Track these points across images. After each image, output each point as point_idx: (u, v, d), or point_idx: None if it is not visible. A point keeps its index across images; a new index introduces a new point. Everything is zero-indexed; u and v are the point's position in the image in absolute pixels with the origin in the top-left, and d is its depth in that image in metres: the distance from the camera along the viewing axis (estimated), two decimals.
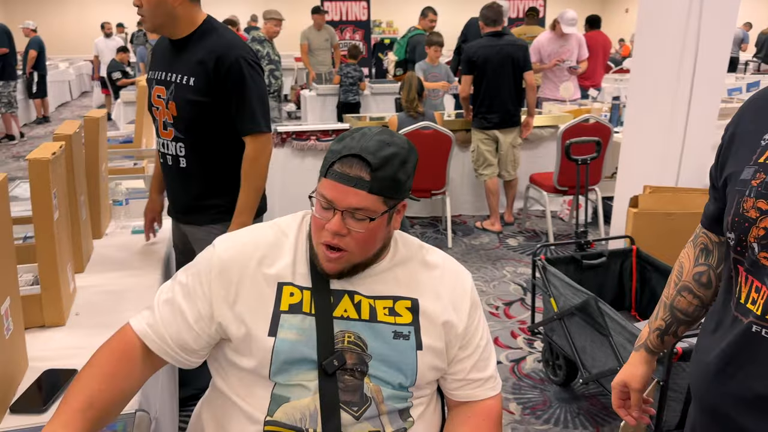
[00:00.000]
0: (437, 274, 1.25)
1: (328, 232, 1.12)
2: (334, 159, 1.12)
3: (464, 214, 5.24)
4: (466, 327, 1.24)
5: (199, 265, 1.21)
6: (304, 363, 1.14)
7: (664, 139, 3.21)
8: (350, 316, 1.18)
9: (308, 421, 1.13)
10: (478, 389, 1.27)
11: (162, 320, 1.18)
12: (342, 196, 1.10)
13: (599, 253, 2.77)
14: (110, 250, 2.21)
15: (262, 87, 2.08)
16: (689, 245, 1.24)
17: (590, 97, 6.12)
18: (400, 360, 1.18)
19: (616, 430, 2.44)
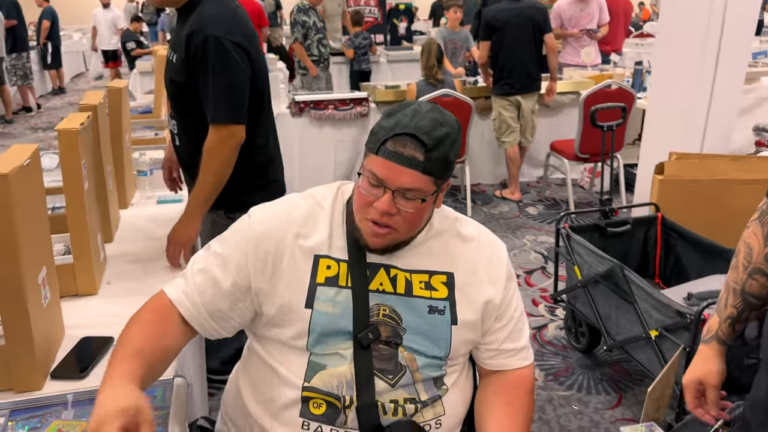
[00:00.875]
0: (473, 247, 1.24)
1: (377, 210, 1.11)
2: (386, 136, 1.09)
3: (483, 183, 5.21)
4: (501, 299, 1.24)
5: (236, 235, 1.21)
6: (339, 334, 1.15)
7: (690, 104, 3.15)
8: (386, 289, 1.18)
9: (344, 388, 1.15)
10: (510, 359, 1.28)
11: (196, 288, 1.19)
12: (394, 176, 1.08)
13: (624, 220, 2.75)
14: (137, 219, 2.22)
15: (233, 72, 1.84)
16: (755, 224, 1.17)
17: (612, 62, 6.00)
18: (434, 334, 1.19)
19: (639, 395, 2.45)
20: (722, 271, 2.39)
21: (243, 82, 1.89)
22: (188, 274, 1.22)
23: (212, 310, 1.19)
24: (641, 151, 3.40)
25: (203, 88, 1.86)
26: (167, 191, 2.49)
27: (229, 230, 1.24)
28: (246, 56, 1.89)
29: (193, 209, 1.93)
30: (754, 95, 5.14)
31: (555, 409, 2.39)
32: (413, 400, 1.17)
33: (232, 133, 1.88)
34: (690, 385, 1.23)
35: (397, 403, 1.16)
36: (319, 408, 1.15)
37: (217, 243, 1.23)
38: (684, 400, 2.00)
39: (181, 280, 1.22)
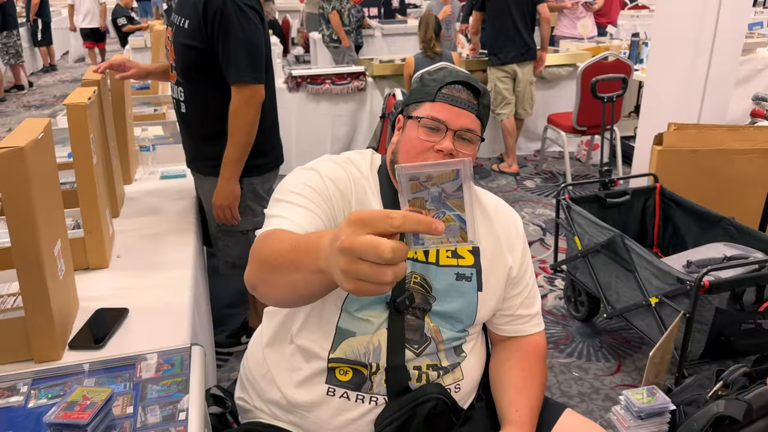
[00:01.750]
0: (492, 216, 1.29)
1: (438, 153, 1.15)
2: (440, 84, 1.18)
3: (480, 157, 5.22)
4: (519, 266, 1.29)
5: (307, 181, 1.16)
6: (376, 299, 1.18)
7: (688, 75, 3.16)
8: (418, 258, 1.22)
9: (371, 356, 1.18)
10: (524, 325, 1.32)
11: (301, 220, 1.09)
12: (455, 117, 1.17)
13: (623, 191, 2.78)
14: (142, 195, 2.24)
15: (252, 34, 1.94)
16: None
17: (608, 34, 5.98)
18: (461, 301, 1.23)
19: (638, 362, 2.51)
20: (720, 239, 2.44)
21: (260, 44, 1.98)
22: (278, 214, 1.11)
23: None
24: (639, 122, 3.42)
25: (223, 50, 1.92)
26: (170, 166, 2.50)
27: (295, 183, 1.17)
28: (260, 20, 1.98)
29: (228, 170, 2.03)
30: (750, 66, 5.15)
31: (556, 376, 2.44)
32: (435, 366, 1.21)
33: (255, 92, 1.97)
34: None
35: (420, 370, 1.20)
36: (346, 375, 1.18)
37: (291, 191, 1.16)
38: (683, 365, 2.06)
39: (277, 219, 1.10)
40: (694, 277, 1.95)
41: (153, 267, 1.69)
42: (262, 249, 1.00)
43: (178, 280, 1.59)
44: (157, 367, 1.25)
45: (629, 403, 1.82)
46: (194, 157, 2.19)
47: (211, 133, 2.05)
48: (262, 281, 0.98)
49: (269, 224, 1.10)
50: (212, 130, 2.05)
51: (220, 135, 2.02)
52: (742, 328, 2.07)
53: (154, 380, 1.21)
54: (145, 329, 1.39)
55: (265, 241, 1.01)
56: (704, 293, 1.96)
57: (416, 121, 1.18)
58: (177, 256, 1.74)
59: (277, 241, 0.96)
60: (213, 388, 1.45)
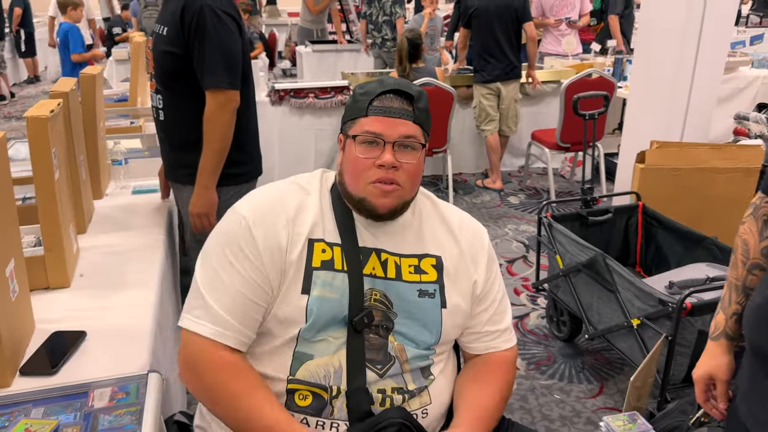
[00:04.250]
0: (456, 231, 1.26)
1: (380, 169, 1.13)
2: (371, 97, 1.14)
3: (465, 173, 5.20)
4: (484, 282, 1.25)
5: (236, 237, 1.14)
6: (333, 320, 1.14)
7: (670, 93, 3.16)
8: (377, 274, 1.17)
9: (332, 378, 1.13)
10: (493, 341, 1.28)
11: (226, 310, 1.11)
12: (391, 128, 1.13)
13: (605, 209, 2.75)
14: (112, 210, 2.17)
15: (228, 40, 1.91)
16: (749, 220, 1.18)
17: (592, 52, 6.01)
18: (425, 318, 1.19)
19: (620, 384, 2.46)
20: (703, 259, 2.41)
21: (236, 51, 1.96)
22: (205, 300, 1.12)
23: (250, 324, 1.13)
24: (622, 140, 3.40)
25: (198, 56, 1.91)
26: (143, 181, 2.44)
27: (223, 235, 1.17)
28: (237, 27, 1.96)
29: (204, 178, 1.99)
30: (732, 85, 5.18)
31: (537, 398, 2.39)
32: (401, 389, 1.16)
33: (230, 98, 1.94)
34: (700, 379, 1.23)
35: (384, 393, 1.15)
36: (305, 399, 1.13)
37: (217, 253, 1.15)
38: (666, 389, 2.01)
39: (200, 311, 1.12)
40: (676, 299, 1.91)
41: (116, 287, 1.62)
42: (219, 394, 1.09)
43: (141, 302, 1.53)
44: (111, 395, 1.18)
45: (609, 429, 1.77)
46: (172, 165, 2.15)
47: (189, 141, 2.02)
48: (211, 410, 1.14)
49: (205, 320, 1.11)
50: (190, 137, 2.01)
51: (197, 143, 1.98)
52: None
53: (107, 410, 1.14)
54: (102, 354, 1.32)
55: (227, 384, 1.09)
56: (686, 315, 1.92)
57: (353, 139, 1.15)
58: (142, 276, 1.67)
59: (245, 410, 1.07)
60: (177, 415, 1.38)
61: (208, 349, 1.11)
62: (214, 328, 1.10)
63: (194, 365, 1.12)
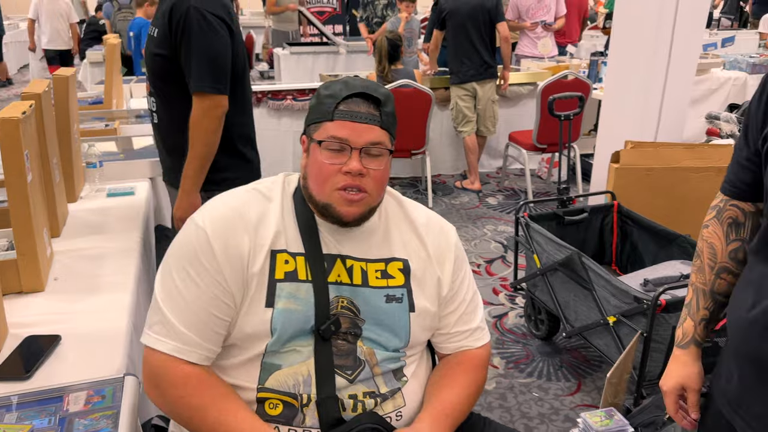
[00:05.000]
0: (423, 232, 1.24)
1: (346, 175, 1.10)
2: (337, 101, 1.10)
3: (444, 174, 5.22)
4: (451, 282, 1.24)
5: (195, 250, 1.11)
6: (300, 331, 1.12)
7: (644, 94, 3.20)
8: (343, 281, 1.16)
9: (301, 387, 1.11)
10: (464, 341, 1.27)
11: (186, 325, 1.09)
12: (357, 134, 1.10)
13: (581, 209, 2.78)
14: (86, 213, 2.14)
15: (215, 43, 1.88)
16: (713, 223, 1.16)
17: (568, 54, 6.08)
18: (393, 323, 1.17)
19: (598, 381, 2.49)
20: (676, 257, 2.45)
21: (225, 54, 1.92)
22: (165, 316, 1.10)
23: (211, 338, 1.12)
24: (597, 141, 3.45)
25: (185, 58, 1.88)
26: (118, 183, 2.41)
27: (181, 247, 1.14)
28: (227, 30, 1.92)
29: (188, 182, 1.96)
30: (705, 86, 5.27)
31: (516, 397, 2.41)
32: (373, 393, 1.15)
33: (216, 103, 1.90)
34: (671, 390, 1.20)
35: (356, 398, 1.14)
36: (275, 408, 1.11)
37: (176, 266, 1.12)
38: (642, 385, 2.04)
39: (159, 326, 1.10)
40: (651, 296, 1.94)
41: (91, 290, 1.60)
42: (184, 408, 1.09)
43: (117, 305, 1.51)
44: (87, 399, 1.17)
45: (587, 426, 1.79)
46: (167, 169, 2.14)
47: (181, 145, 1.99)
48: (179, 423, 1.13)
49: (165, 336, 1.09)
50: (182, 142, 1.98)
51: (185, 147, 1.95)
52: None
53: (82, 414, 1.13)
54: (77, 358, 1.31)
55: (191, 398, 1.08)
56: (661, 312, 1.95)
57: (318, 144, 1.12)
58: (117, 279, 1.65)
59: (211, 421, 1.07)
60: (155, 419, 1.37)
61: (169, 364, 1.09)
62: (174, 344, 1.09)
63: (156, 381, 1.10)
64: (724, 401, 1.10)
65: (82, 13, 10.19)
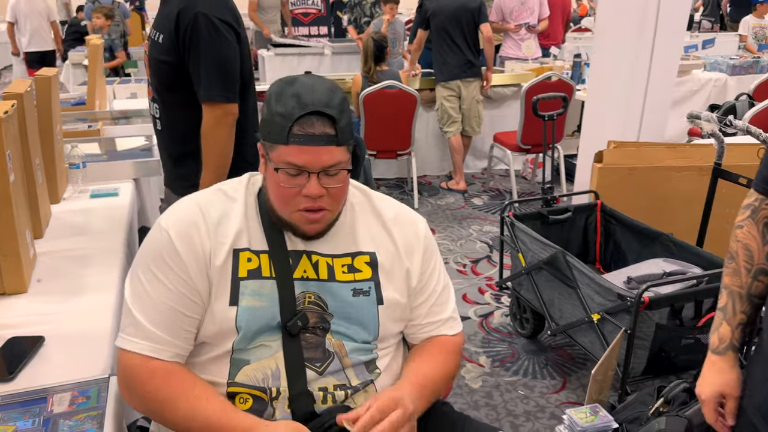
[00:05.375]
0: (390, 225, 1.24)
1: (306, 198, 1.09)
2: (290, 122, 1.05)
3: (429, 175, 5.24)
4: (420, 273, 1.24)
5: (159, 251, 1.13)
6: (266, 327, 1.13)
7: (627, 95, 3.24)
8: (309, 276, 1.17)
9: (270, 380, 1.12)
10: (435, 330, 1.28)
11: (155, 324, 1.11)
12: (314, 159, 1.07)
13: (565, 208, 2.81)
14: (69, 215, 2.12)
15: (224, 50, 1.85)
16: (748, 223, 1.12)
17: (552, 56, 6.12)
18: (361, 316, 1.18)
19: (583, 379, 2.51)
20: (659, 254, 2.48)
21: (234, 61, 1.89)
22: (136, 318, 1.12)
23: (182, 335, 1.13)
24: (581, 141, 3.48)
25: (193, 66, 1.84)
26: (102, 185, 2.39)
27: (148, 252, 1.16)
28: (235, 36, 1.89)
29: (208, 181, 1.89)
30: (686, 87, 5.35)
31: (502, 395, 2.42)
32: (343, 386, 1.16)
33: (227, 111, 1.87)
34: (710, 399, 1.15)
35: (326, 391, 1.14)
36: (245, 403, 1.12)
37: (143, 269, 1.14)
38: (626, 382, 2.06)
39: (132, 329, 1.12)
40: (634, 294, 1.96)
41: (75, 291, 1.59)
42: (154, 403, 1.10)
43: (101, 306, 1.50)
44: (71, 400, 1.16)
45: (572, 422, 1.81)
46: (170, 176, 2.12)
47: (185, 153, 1.98)
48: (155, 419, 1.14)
49: (136, 337, 1.11)
50: (185, 150, 1.97)
51: (193, 155, 1.93)
52: (682, 344, 2.09)
53: (67, 415, 1.12)
54: (61, 359, 1.30)
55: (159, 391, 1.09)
56: (644, 309, 1.97)
57: (275, 170, 1.09)
58: (101, 279, 1.64)
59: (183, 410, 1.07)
60: (140, 420, 1.36)
61: (140, 363, 1.10)
62: (144, 344, 1.10)
63: (128, 382, 1.12)
64: (755, 411, 1.07)
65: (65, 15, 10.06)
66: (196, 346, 1.15)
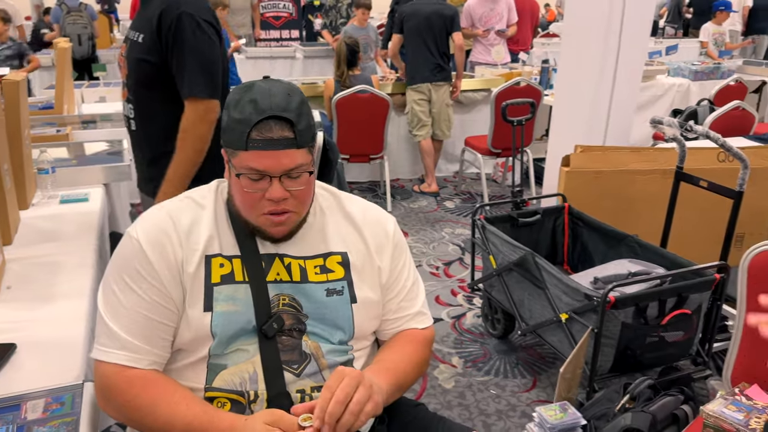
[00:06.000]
0: (360, 224, 1.27)
1: (270, 202, 1.11)
2: (248, 128, 1.07)
3: (402, 178, 5.28)
4: (390, 270, 1.27)
5: (131, 260, 1.14)
6: (242, 331, 1.15)
7: (593, 101, 3.32)
8: (282, 279, 1.18)
9: (248, 384, 1.14)
10: (404, 325, 1.30)
11: (131, 334, 1.12)
12: (274, 163, 1.08)
13: (534, 211, 2.87)
14: (39, 220, 2.10)
15: (208, 49, 1.89)
16: None
17: (520, 61, 6.23)
18: (336, 316, 1.20)
19: (553, 377, 2.56)
20: (625, 255, 2.55)
21: (216, 60, 1.92)
22: (110, 328, 1.13)
23: (159, 344, 1.14)
24: (549, 145, 3.56)
25: (177, 64, 1.86)
26: (71, 190, 2.37)
27: (120, 262, 1.17)
28: (216, 36, 1.92)
29: (170, 188, 1.91)
30: (650, 92, 5.48)
31: (474, 394, 2.46)
32: (320, 388, 1.16)
33: (210, 108, 1.89)
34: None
35: (303, 393, 1.16)
36: (224, 407, 1.14)
37: (115, 280, 1.15)
38: (594, 379, 2.12)
39: (105, 339, 1.13)
40: (600, 293, 2.02)
41: (46, 298, 1.58)
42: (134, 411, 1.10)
43: (73, 312, 1.49)
44: (45, 406, 1.15)
45: (542, 419, 1.85)
46: (144, 177, 2.12)
47: (160, 154, 1.98)
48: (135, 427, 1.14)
49: (112, 347, 1.11)
50: (161, 150, 1.98)
51: (168, 155, 1.95)
52: (647, 342, 2.15)
53: (41, 421, 1.11)
54: (34, 366, 1.29)
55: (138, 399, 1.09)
56: (610, 308, 2.03)
57: (237, 177, 1.11)
58: (73, 286, 1.63)
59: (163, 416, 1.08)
60: (114, 426, 1.36)
61: (117, 372, 1.11)
62: (120, 354, 1.11)
63: (105, 392, 1.13)
64: None
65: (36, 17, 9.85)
66: (173, 353, 1.16)
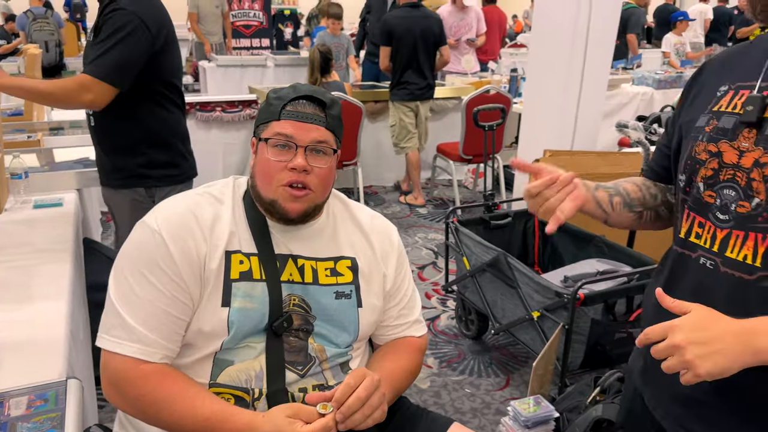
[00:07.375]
0: (368, 231, 1.31)
1: (291, 172, 1.14)
2: (284, 102, 1.16)
3: (375, 185, 5.32)
4: (395, 277, 1.32)
5: (152, 253, 1.13)
6: (254, 328, 1.16)
7: (560, 107, 3.42)
8: (294, 279, 1.21)
9: (253, 381, 1.16)
10: (403, 332, 1.35)
11: (148, 328, 1.11)
12: (303, 132, 1.15)
13: (505, 213, 2.94)
14: (12, 225, 2.08)
15: (128, 43, 1.92)
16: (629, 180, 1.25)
17: (490, 70, 6.34)
18: (342, 319, 1.24)
19: (525, 376, 2.63)
20: (593, 255, 2.63)
21: (135, 63, 1.96)
22: (124, 319, 1.12)
23: (173, 338, 1.15)
24: (518, 150, 3.64)
25: (100, 45, 1.91)
26: (44, 195, 2.36)
27: (136, 251, 1.16)
28: (149, 40, 1.96)
29: (12, 83, 1.94)
30: (616, 100, 5.64)
31: (449, 393, 2.51)
32: (321, 386, 1.21)
33: (96, 91, 1.92)
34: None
35: (305, 391, 1.18)
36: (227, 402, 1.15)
37: (131, 270, 1.14)
38: (565, 374, 2.18)
39: (118, 331, 1.12)
40: (570, 291, 2.09)
41: (24, 300, 1.57)
42: (149, 405, 1.10)
43: (53, 314, 1.49)
44: (29, 403, 1.16)
45: (516, 413, 1.91)
46: (105, 171, 2.17)
47: (120, 145, 2.06)
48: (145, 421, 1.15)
49: (126, 340, 1.11)
50: (121, 142, 2.06)
51: (129, 147, 2.04)
52: (615, 337, 2.23)
53: (25, 417, 1.12)
54: (15, 366, 1.28)
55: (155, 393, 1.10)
56: (580, 305, 2.10)
57: (265, 143, 1.17)
58: (51, 288, 1.63)
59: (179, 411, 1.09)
60: (93, 427, 1.36)
61: (130, 365, 1.11)
62: (136, 347, 1.11)
63: (117, 384, 1.12)
64: (637, 376, 1.23)
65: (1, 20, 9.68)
66: (182, 348, 1.16)
